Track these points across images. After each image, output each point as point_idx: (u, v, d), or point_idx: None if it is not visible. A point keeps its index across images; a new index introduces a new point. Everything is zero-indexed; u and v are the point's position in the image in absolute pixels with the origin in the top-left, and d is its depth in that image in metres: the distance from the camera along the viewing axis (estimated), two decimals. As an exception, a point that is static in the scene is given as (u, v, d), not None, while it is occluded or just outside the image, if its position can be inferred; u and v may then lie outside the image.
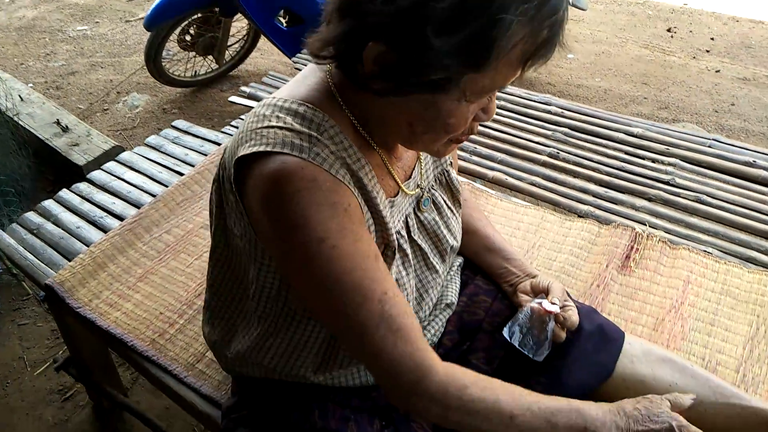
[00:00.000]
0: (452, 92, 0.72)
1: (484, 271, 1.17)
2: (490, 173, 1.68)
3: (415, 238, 0.95)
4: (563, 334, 1.01)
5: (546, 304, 1.01)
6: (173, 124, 1.92)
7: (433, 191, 0.99)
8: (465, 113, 0.76)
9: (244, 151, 0.77)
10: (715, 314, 1.23)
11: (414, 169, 0.95)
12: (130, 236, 1.47)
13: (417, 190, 0.95)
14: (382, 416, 1.00)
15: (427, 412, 0.81)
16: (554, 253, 1.39)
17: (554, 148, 1.75)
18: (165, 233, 1.48)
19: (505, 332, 1.01)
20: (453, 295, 1.08)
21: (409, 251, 0.93)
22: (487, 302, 1.11)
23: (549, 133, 1.81)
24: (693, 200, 1.53)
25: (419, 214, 0.96)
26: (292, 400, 0.96)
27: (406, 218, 0.93)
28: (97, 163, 2.33)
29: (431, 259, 0.98)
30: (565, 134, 1.80)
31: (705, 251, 1.36)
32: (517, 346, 1.01)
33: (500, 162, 1.73)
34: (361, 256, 0.77)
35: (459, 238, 1.05)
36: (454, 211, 1.04)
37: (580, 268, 1.35)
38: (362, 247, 0.77)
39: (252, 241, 0.83)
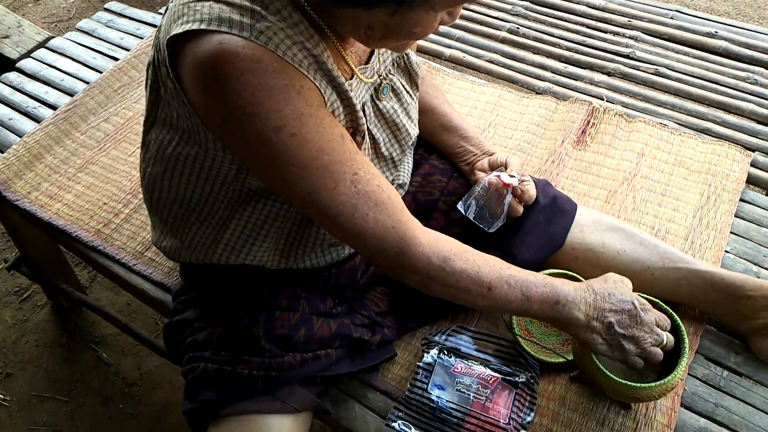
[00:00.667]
0: (419, 4, 0.65)
1: (440, 150, 1.13)
2: (447, 51, 1.61)
3: (372, 128, 0.89)
4: (520, 208, 1.00)
5: (504, 177, 0.99)
6: (106, 6, 1.76)
7: (390, 76, 0.92)
8: (432, 22, 0.69)
9: (176, 29, 0.68)
10: (667, 185, 1.23)
11: (372, 55, 0.87)
12: (65, 126, 1.38)
13: (375, 78, 0.88)
14: (334, 294, 0.99)
15: (410, 281, 0.81)
16: (510, 131, 1.36)
17: (514, 23, 1.67)
18: (103, 122, 1.40)
19: (460, 206, 1.00)
20: (405, 175, 1.05)
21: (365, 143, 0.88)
22: (443, 182, 1.09)
23: (509, 7, 1.72)
24: (652, 73, 1.49)
25: (378, 102, 0.90)
26: (241, 281, 0.94)
27: (363, 107, 0.86)
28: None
29: (387, 149, 0.93)
30: (526, 8, 1.71)
31: (661, 123, 1.34)
32: (472, 219, 1.00)
33: (458, 39, 1.65)
34: (325, 139, 0.71)
35: (417, 125, 1.00)
36: (413, 95, 0.98)
37: (536, 145, 1.33)
38: (325, 129, 0.71)
39: (200, 132, 0.76)
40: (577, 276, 1.00)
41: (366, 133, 0.84)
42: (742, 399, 0.96)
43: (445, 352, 0.99)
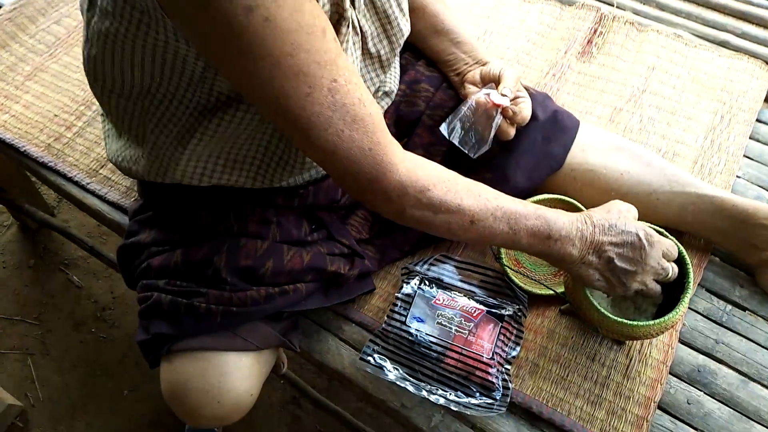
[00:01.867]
0: None
1: (429, 57, 1.00)
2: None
3: (360, 18, 0.76)
4: (512, 131, 0.89)
5: (494, 96, 0.86)
6: None
7: None
8: None
9: None
10: (678, 102, 1.12)
11: None
12: (11, 28, 1.23)
13: None
14: (310, 218, 0.90)
15: (383, 211, 0.71)
16: (508, 41, 1.22)
17: None
18: (54, 24, 1.25)
19: (444, 128, 0.88)
20: (392, 82, 0.93)
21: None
22: (429, 92, 0.97)
23: None
24: (668, -23, 1.34)
25: None
26: (204, 201, 0.84)
27: None
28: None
29: (375, 46, 0.81)
30: None
31: (675, 34, 1.21)
32: (457, 144, 0.89)
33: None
34: (304, 31, 0.58)
35: (408, 20, 0.86)
36: None
37: (535, 56, 1.19)
38: (304, 18, 0.58)
39: (158, 19, 0.63)
40: (576, 203, 0.91)
41: (351, 23, 0.72)
42: (745, 335, 0.90)
43: (426, 283, 0.91)
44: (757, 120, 1.11)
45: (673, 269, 0.76)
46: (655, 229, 0.81)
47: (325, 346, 0.91)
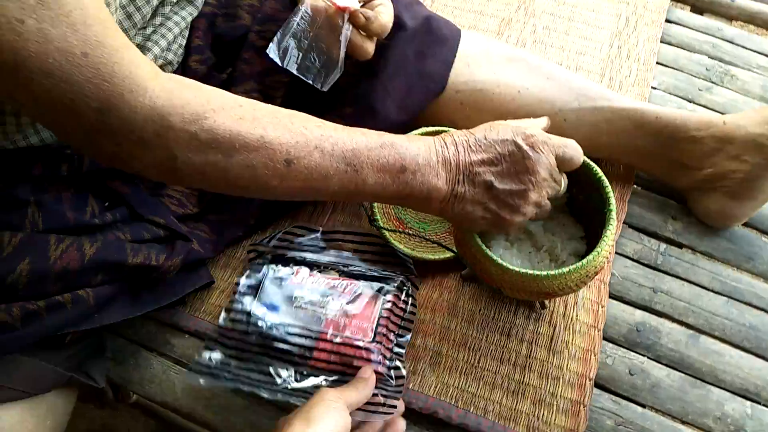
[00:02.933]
0: None
1: None
2: None
3: None
4: (369, 46, 0.64)
5: None
6: None
7: None
8: None
9: None
10: (575, 6, 0.93)
11: None
12: None
13: None
14: (98, 192, 0.62)
15: (135, 166, 0.45)
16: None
17: None
18: None
19: (272, 50, 0.63)
20: None
21: None
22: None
23: None
24: None
25: None
26: None
27: None
28: None
29: None
30: None
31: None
32: (295, 72, 0.64)
33: None
34: None
35: None
36: None
37: (403, -34, 0.96)
38: None
39: None
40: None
41: None
42: (686, 278, 0.72)
43: (277, 261, 0.66)
44: (667, 20, 0.93)
45: (564, 179, 0.55)
46: None
47: (147, 374, 0.65)
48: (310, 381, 0.59)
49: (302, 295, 0.63)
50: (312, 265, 0.66)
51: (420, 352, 0.66)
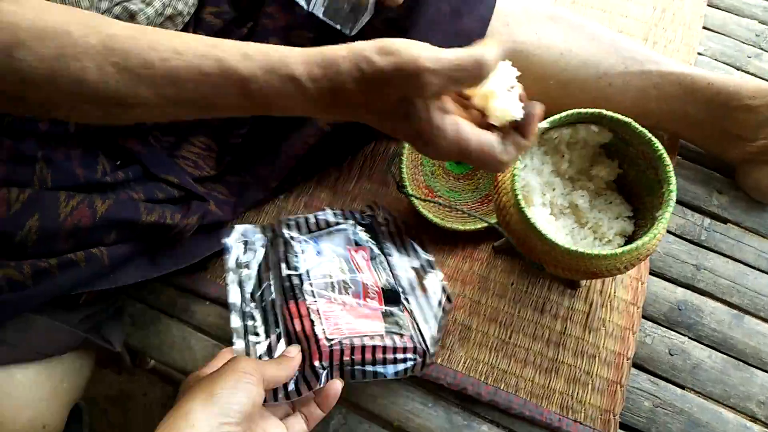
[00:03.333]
0: None
1: None
2: None
3: None
4: None
5: None
6: None
7: None
8: None
9: None
10: (618, -34, 0.87)
11: None
12: None
13: None
14: (110, 150, 0.59)
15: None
16: None
17: None
18: None
19: None
20: None
21: None
22: None
23: None
24: None
25: None
26: None
27: None
28: None
29: None
30: None
31: None
32: (322, 17, 0.60)
33: None
34: None
35: None
36: None
37: None
38: None
39: None
40: None
41: None
42: (731, 255, 0.68)
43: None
44: (715, -18, 0.88)
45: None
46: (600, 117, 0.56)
47: (167, 339, 0.63)
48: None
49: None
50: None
51: (449, 326, 0.63)
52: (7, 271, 0.49)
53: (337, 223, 0.63)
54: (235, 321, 0.54)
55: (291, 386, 0.50)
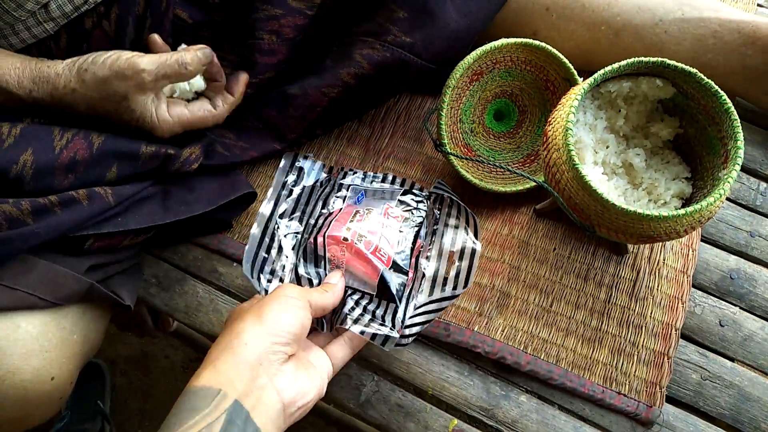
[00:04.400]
0: None
1: None
2: None
3: None
4: None
5: None
6: None
7: None
8: None
9: None
10: None
11: None
12: None
13: None
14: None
15: None
16: None
17: None
18: None
19: None
20: None
21: None
22: None
23: None
24: None
25: None
26: None
27: None
28: None
29: None
30: None
31: None
32: None
33: None
34: None
35: None
36: None
37: None
38: None
39: None
40: (551, 49, 0.59)
41: None
42: (788, 221, 0.64)
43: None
44: (777, -73, 0.81)
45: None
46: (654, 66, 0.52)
47: (193, 302, 0.60)
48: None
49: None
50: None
51: (486, 293, 0.60)
52: (4, 207, 0.47)
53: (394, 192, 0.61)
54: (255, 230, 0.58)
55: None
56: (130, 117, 0.53)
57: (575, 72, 0.59)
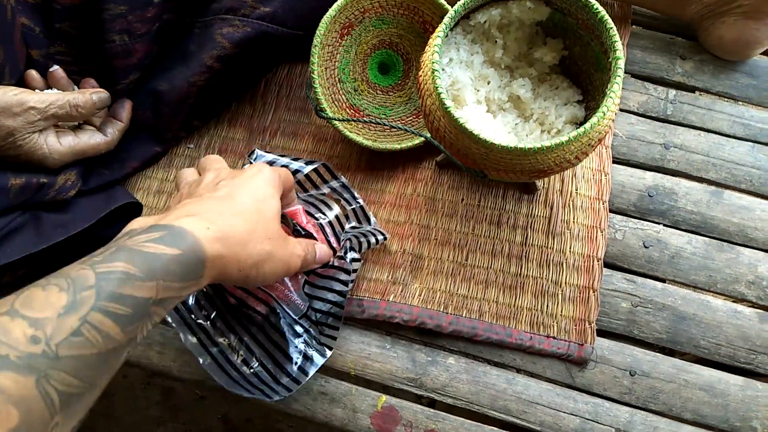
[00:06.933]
0: None
1: None
2: None
3: None
4: None
5: None
6: None
7: None
8: None
9: None
10: None
11: None
12: None
13: None
14: None
15: None
16: None
17: None
18: None
19: None
20: None
21: None
22: None
23: None
24: None
25: None
26: None
27: None
28: None
29: None
30: None
31: None
32: None
33: None
34: None
35: None
36: None
37: None
38: None
39: None
40: None
41: None
42: (702, 126, 0.61)
43: None
44: None
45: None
46: None
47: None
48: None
49: None
50: None
51: (398, 259, 0.57)
52: None
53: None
54: None
55: None
56: (16, 153, 0.50)
57: (450, 7, 0.55)
